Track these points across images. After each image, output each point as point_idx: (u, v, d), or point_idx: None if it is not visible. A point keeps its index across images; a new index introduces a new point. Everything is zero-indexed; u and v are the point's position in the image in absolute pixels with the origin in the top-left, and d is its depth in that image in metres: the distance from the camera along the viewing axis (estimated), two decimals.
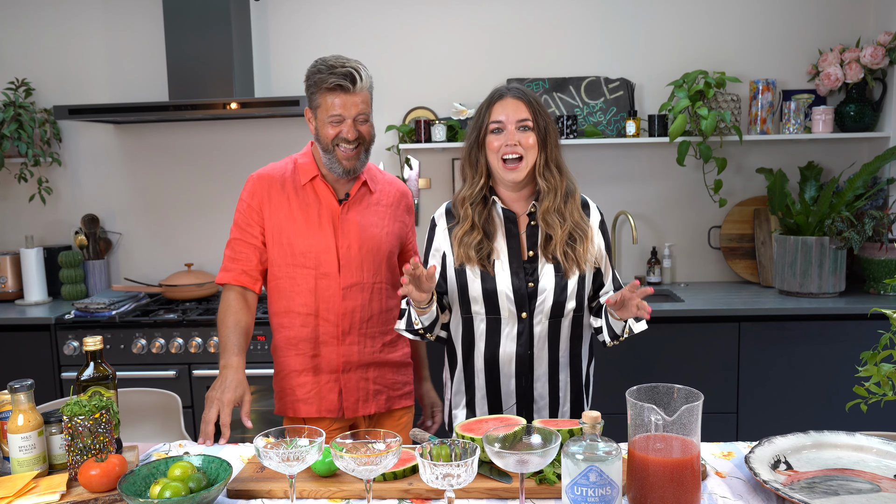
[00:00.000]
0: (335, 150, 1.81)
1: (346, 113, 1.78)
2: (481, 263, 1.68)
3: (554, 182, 1.69)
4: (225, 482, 1.27)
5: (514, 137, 1.65)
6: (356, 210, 1.90)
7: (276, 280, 1.90)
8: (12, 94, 3.28)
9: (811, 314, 2.76)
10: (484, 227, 1.71)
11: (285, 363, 1.91)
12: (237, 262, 1.89)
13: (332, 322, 1.87)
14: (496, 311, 1.69)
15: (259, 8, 3.32)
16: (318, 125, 1.83)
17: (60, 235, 3.51)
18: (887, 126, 3.08)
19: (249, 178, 1.92)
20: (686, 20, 3.24)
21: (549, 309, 1.68)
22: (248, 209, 1.89)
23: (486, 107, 1.70)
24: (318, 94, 1.80)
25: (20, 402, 1.38)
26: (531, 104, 1.67)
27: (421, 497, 1.30)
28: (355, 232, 1.87)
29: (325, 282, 1.86)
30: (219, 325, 1.87)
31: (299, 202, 1.87)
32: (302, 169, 1.90)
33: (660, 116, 3.10)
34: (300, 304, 1.87)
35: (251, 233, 1.88)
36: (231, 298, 1.88)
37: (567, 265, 1.68)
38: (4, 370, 2.92)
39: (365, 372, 1.91)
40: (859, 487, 1.26)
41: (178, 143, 3.42)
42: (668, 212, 3.35)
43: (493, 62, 3.28)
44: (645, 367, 2.79)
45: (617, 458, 1.11)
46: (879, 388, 1.29)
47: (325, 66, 1.79)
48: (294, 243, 1.85)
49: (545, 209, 1.69)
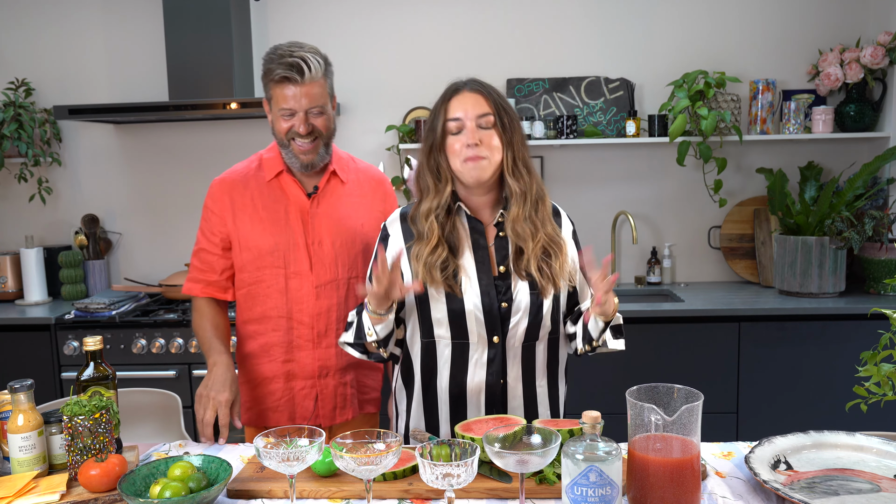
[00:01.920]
0: (291, 144, 1.72)
1: (297, 106, 1.66)
2: (447, 284, 1.48)
3: (525, 183, 1.49)
4: (225, 482, 1.27)
5: (474, 136, 1.45)
6: (327, 203, 1.79)
7: (246, 286, 1.80)
8: (12, 94, 3.28)
9: (811, 314, 2.76)
10: (448, 240, 1.50)
11: (255, 371, 1.81)
12: (204, 272, 1.82)
13: (305, 324, 1.76)
14: (464, 335, 1.50)
15: (259, 8, 3.32)
16: (272, 119, 1.73)
17: (60, 235, 3.51)
18: (887, 126, 3.08)
19: (212, 184, 1.83)
20: (686, 20, 3.24)
21: (524, 332, 1.51)
22: (211, 216, 1.80)
23: (442, 103, 1.50)
24: (268, 85, 1.69)
25: (20, 402, 1.38)
26: (491, 97, 1.49)
27: (421, 497, 1.30)
28: (327, 226, 1.77)
29: (296, 281, 1.76)
30: (197, 330, 1.81)
31: (265, 200, 1.78)
32: (267, 164, 1.80)
33: (660, 116, 3.10)
34: (271, 307, 1.77)
35: (214, 241, 1.80)
36: (203, 305, 1.82)
37: (543, 283, 1.50)
38: (4, 370, 2.92)
39: (343, 376, 1.81)
40: (859, 487, 1.26)
41: (178, 143, 3.42)
42: (668, 212, 3.35)
43: (493, 62, 3.28)
44: (645, 367, 2.79)
45: (617, 458, 1.11)
46: (879, 388, 1.29)
47: (274, 55, 1.66)
48: (261, 244, 1.76)
49: (514, 217, 1.49)
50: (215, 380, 1.65)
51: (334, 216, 1.79)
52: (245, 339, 1.84)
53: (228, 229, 1.78)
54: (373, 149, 3.37)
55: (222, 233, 1.79)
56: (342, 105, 3.35)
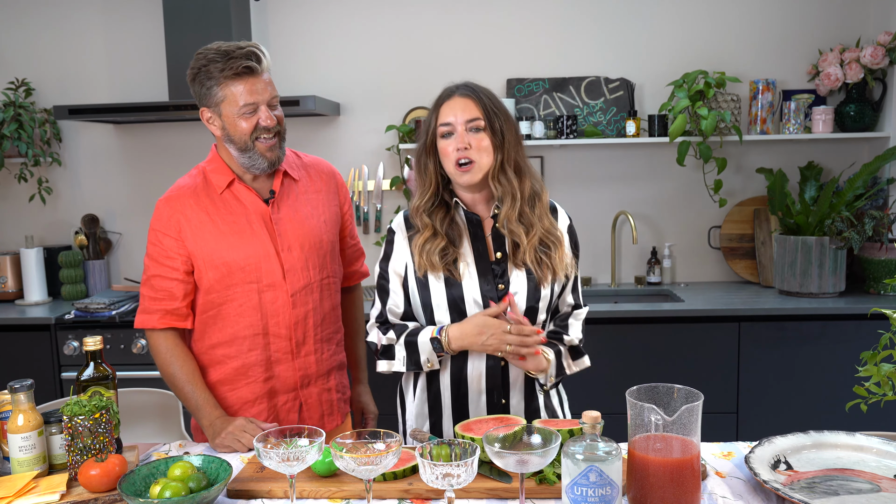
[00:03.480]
0: (255, 144, 1.60)
1: (259, 98, 1.57)
2: (447, 269, 1.54)
3: (509, 187, 1.53)
4: (225, 482, 1.27)
5: (464, 140, 1.50)
6: (286, 205, 1.70)
7: (214, 308, 1.66)
8: (12, 94, 3.28)
9: (811, 314, 2.76)
10: (447, 233, 1.56)
11: (232, 398, 1.69)
12: (159, 301, 1.65)
13: (283, 336, 1.67)
14: (463, 318, 1.55)
15: (259, 8, 3.32)
16: (226, 123, 1.60)
17: (60, 235, 3.51)
18: (887, 126, 3.08)
19: (157, 204, 1.67)
20: (686, 20, 3.24)
21: (522, 313, 1.55)
22: (163, 239, 1.64)
23: (434, 108, 1.56)
24: (217, 86, 1.56)
25: (20, 402, 1.38)
26: (482, 101, 1.52)
27: (421, 497, 1.30)
28: (293, 230, 1.68)
29: (270, 294, 1.65)
30: (172, 381, 1.65)
31: (221, 214, 1.65)
32: (214, 176, 1.67)
33: (660, 116, 3.10)
34: (245, 326, 1.66)
35: (171, 265, 1.64)
36: (165, 342, 1.66)
37: (541, 273, 1.55)
38: (4, 370, 2.92)
39: (326, 382, 1.75)
40: (859, 487, 1.26)
41: (178, 143, 3.42)
42: (668, 212, 3.35)
43: (493, 62, 3.28)
44: (645, 367, 2.79)
45: (617, 458, 1.11)
46: (879, 388, 1.29)
47: (217, 55, 1.55)
48: (229, 260, 1.63)
49: (506, 216, 1.54)
50: (228, 430, 1.57)
51: (297, 218, 1.70)
52: (211, 365, 1.69)
53: (189, 250, 1.64)
54: (373, 149, 3.37)
55: (182, 255, 1.64)
56: (342, 105, 3.35)
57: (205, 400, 1.64)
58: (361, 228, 3.41)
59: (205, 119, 1.63)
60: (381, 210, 3.41)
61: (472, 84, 1.57)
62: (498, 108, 1.54)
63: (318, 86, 3.30)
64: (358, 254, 1.94)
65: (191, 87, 1.62)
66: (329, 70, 3.32)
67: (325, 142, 3.36)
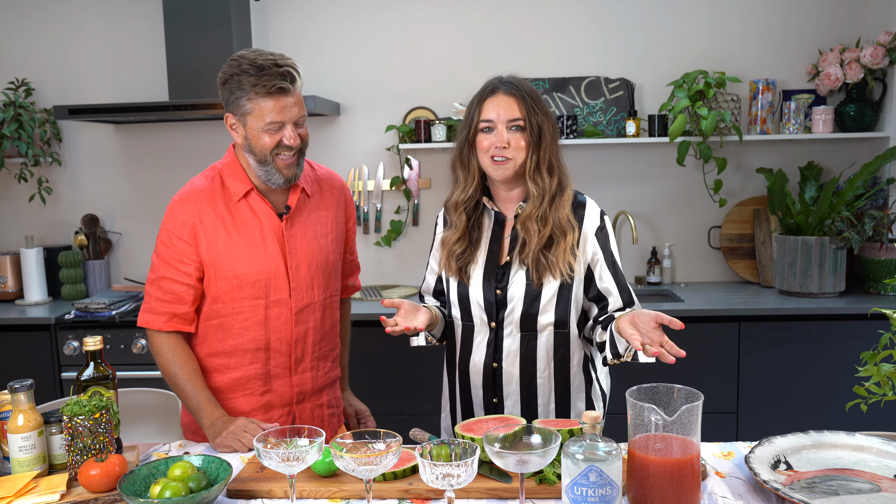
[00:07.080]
0: (275, 159, 1.58)
1: (286, 117, 1.55)
2: (459, 272, 1.62)
3: (543, 186, 1.57)
4: (225, 482, 1.27)
5: (503, 138, 1.53)
6: (299, 223, 1.68)
7: (218, 318, 1.65)
8: (12, 94, 3.28)
9: (811, 314, 2.76)
10: (471, 233, 1.62)
11: (230, 407, 1.69)
12: (167, 303, 1.63)
13: (283, 353, 1.68)
14: (469, 317, 1.63)
15: (259, 8, 3.32)
16: (249, 134, 1.57)
17: (60, 235, 3.51)
18: (887, 126, 3.08)
19: (172, 203, 1.64)
20: (686, 20, 3.24)
21: (519, 320, 1.58)
22: (177, 241, 1.62)
23: (477, 103, 1.57)
24: (245, 98, 1.54)
25: (20, 402, 1.38)
26: (525, 101, 1.54)
27: (421, 497, 1.30)
28: (302, 249, 1.67)
29: (275, 310, 1.65)
30: (173, 380, 1.64)
31: (236, 223, 1.62)
32: (231, 182, 1.64)
33: (660, 116, 3.10)
34: (249, 339, 1.65)
35: (183, 270, 1.62)
36: (168, 343, 1.64)
37: (536, 273, 1.56)
38: (4, 370, 2.92)
39: (318, 398, 1.76)
40: (859, 487, 1.26)
41: (178, 143, 3.41)
42: (668, 212, 3.35)
43: (493, 62, 3.28)
44: (645, 367, 2.77)
45: (617, 458, 1.11)
46: (879, 388, 1.29)
47: (251, 67, 1.52)
48: (240, 273, 1.62)
49: (527, 214, 1.57)
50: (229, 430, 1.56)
51: (307, 236, 1.69)
52: (210, 372, 1.69)
53: (202, 257, 1.62)
54: (373, 149, 3.37)
55: (195, 261, 1.62)
56: (342, 105, 3.35)
57: (206, 400, 1.63)
58: (361, 228, 3.41)
59: (228, 124, 1.61)
60: (380, 210, 3.41)
61: (516, 81, 1.58)
62: (539, 107, 1.56)
63: (318, 86, 3.30)
64: (354, 268, 1.95)
65: (219, 90, 1.60)
66: (329, 70, 3.32)
67: (325, 142, 3.36)
